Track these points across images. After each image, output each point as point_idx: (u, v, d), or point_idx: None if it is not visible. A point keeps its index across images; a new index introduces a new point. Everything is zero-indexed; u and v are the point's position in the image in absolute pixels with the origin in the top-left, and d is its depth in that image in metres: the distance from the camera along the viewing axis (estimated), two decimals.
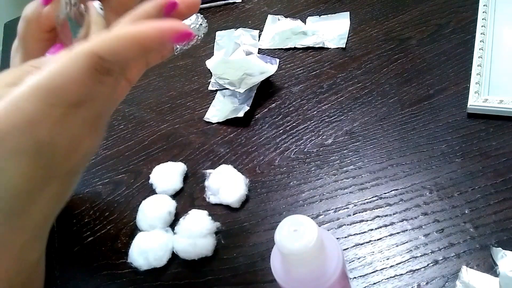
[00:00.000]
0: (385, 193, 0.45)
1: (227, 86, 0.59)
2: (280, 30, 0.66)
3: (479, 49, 0.52)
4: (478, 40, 0.53)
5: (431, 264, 0.39)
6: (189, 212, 0.46)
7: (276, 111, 0.56)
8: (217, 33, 0.69)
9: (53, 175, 0.27)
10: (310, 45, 0.62)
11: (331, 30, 0.63)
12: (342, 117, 0.53)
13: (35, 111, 0.25)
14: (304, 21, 0.66)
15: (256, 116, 0.57)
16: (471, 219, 0.41)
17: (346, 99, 0.55)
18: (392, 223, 0.42)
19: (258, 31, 0.67)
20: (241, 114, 0.55)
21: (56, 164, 0.27)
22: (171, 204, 0.48)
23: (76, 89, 0.25)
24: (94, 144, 0.29)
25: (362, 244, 0.42)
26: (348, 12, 0.65)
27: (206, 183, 0.50)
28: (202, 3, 0.72)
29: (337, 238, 0.43)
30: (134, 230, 0.48)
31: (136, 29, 0.26)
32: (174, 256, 0.45)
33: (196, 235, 0.44)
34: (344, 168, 0.48)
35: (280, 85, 0.59)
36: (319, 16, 0.66)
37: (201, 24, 0.35)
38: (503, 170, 0.43)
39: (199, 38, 0.35)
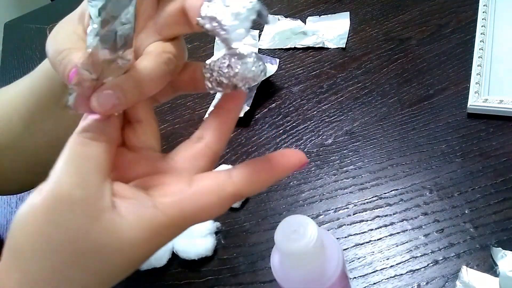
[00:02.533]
0: (385, 193, 0.45)
1: None
2: (280, 30, 0.66)
3: (479, 49, 0.52)
4: (478, 40, 0.53)
5: (431, 264, 0.39)
6: None
7: (276, 111, 0.56)
8: None
9: None
10: (310, 45, 0.62)
11: (331, 30, 0.63)
12: (342, 117, 0.53)
13: (143, 243, 0.23)
14: (304, 21, 0.66)
15: (256, 116, 0.57)
16: (471, 219, 0.41)
17: (346, 99, 0.55)
18: (392, 223, 0.42)
19: (258, 31, 0.67)
20: (241, 114, 0.55)
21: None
22: None
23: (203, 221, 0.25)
24: None
25: (362, 244, 0.42)
26: (348, 12, 0.65)
27: None
28: None
29: (337, 238, 0.43)
30: None
31: (279, 171, 0.25)
32: (174, 256, 0.45)
33: (196, 235, 0.44)
34: (344, 168, 0.48)
35: (280, 85, 0.59)
36: (319, 16, 0.66)
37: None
38: (503, 170, 0.43)
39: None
